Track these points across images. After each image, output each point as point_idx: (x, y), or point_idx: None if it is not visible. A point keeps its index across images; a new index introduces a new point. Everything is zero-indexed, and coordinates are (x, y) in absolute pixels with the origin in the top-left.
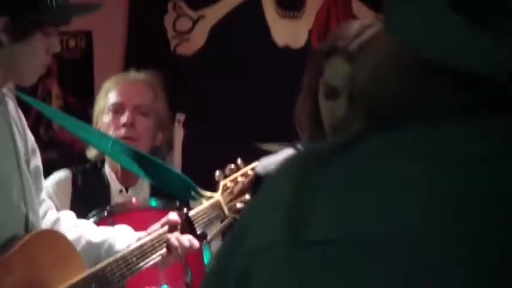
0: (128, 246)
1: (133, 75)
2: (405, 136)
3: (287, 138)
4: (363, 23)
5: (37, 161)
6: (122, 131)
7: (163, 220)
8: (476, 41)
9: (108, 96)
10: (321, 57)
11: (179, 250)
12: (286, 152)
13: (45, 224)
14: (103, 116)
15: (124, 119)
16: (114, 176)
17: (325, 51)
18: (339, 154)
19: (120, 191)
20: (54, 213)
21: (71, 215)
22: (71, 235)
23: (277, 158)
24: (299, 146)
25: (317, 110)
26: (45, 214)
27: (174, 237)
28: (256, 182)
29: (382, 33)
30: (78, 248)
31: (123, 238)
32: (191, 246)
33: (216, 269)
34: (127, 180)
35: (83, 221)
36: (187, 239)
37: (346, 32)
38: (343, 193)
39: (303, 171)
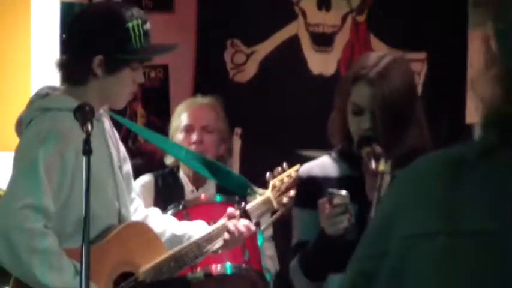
0: None
1: (200, 100)
2: None
3: (321, 147)
4: (379, 53)
5: (128, 166)
6: (193, 147)
7: (224, 217)
8: None
9: (180, 117)
10: (348, 83)
11: (237, 234)
12: (322, 158)
13: (136, 218)
14: (177, 134)
15: (194, 137)
16: (187, 179)
17: (351, 78)
18: (483, 160)
19: (192, 190)
20: (143, 210)
21: (157, 211)
22: (157, 228)
23: (315, 162)
24: (332, 153)
25: (345, 124)
26: (136, 210)
27: (232, 224)
28: (299, 182)
29: (488, 60)
30: (164, 238)
31: (199, 231)
32: (247, 230)
33: (368, 253)
34: (197, 182)
35: (167, 216)
36: (243, 224)
37: (366, 62)
38: (491, 191)
39: (453, 173)
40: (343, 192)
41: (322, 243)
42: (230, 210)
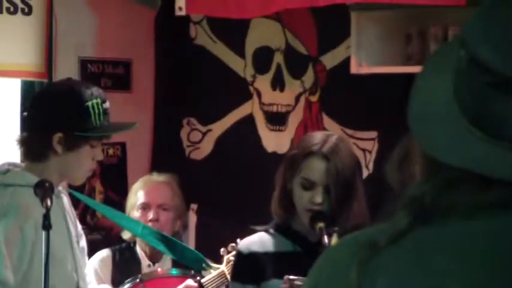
0: None
1: (155, 177)
2: (444, 229)
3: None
4: (324, 132)
5: (83, 242)
6: (149, 225)
7: (183, 286)
8: (495, 153)
9: (137, 195)
10: (299, 159)
11: None
12: (259, 234)
13: None
14: (134, 211)
15: (150, 215)
16: (143, 254)
17: (302, 154)
18: (392, 244)
19: (149, 265)
20: (94, 287)
21: (107, 287)
22: None
23: (253, 238)
24: (270, 230)
25: (290, 200)
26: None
27: None
28: (240, 257)
29: (414, 148)
30: None
31: None
32: None
33: None
34: (154, 257)
35: None
36: None
37: (314, 140)
38: (395, 278)
39: (363, 258)
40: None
41: None
42: (190, 282)
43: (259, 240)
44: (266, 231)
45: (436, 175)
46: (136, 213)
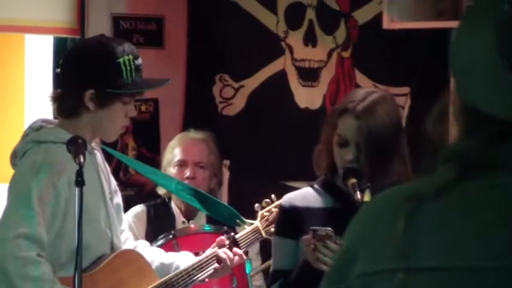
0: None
1: (193, 135)
2: (490, 183)
3: (307, 178)
4: (368, 89)
5: (118, 199)
6: (186, 182)
7: (215, 242)
8: None
9: (174, 152)
10: (335, 115)
11: (228, 261)
12: (304, 189)
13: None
14: (170, 168)
15: (187, 173)
16: (178, 210)
17: (339, 111)
18: (439, 197)
19: (183, 222)
20: (132, 242)
21: (146, 243)
22: (146, 258)
23: (297, 193)
24: (315, 185)
25: (331, 156)
26: (125, 242)
27: (223, 251)
28: (281, 211)
29: (452, 97)
30: (153, 267)
31: (186, 260)
32: (239, 258)
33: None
34: (188, 214)
35: (154, 248)
36: (234, 253)
37: (354, 97)
38: (443, 229)
39: (410, 210)
40: (328, 228)
41: (307, 273)
42: (220, 238)
43: (302, 195)
44: (312, 186)
45: (479, 129)
46: (172, 170)
